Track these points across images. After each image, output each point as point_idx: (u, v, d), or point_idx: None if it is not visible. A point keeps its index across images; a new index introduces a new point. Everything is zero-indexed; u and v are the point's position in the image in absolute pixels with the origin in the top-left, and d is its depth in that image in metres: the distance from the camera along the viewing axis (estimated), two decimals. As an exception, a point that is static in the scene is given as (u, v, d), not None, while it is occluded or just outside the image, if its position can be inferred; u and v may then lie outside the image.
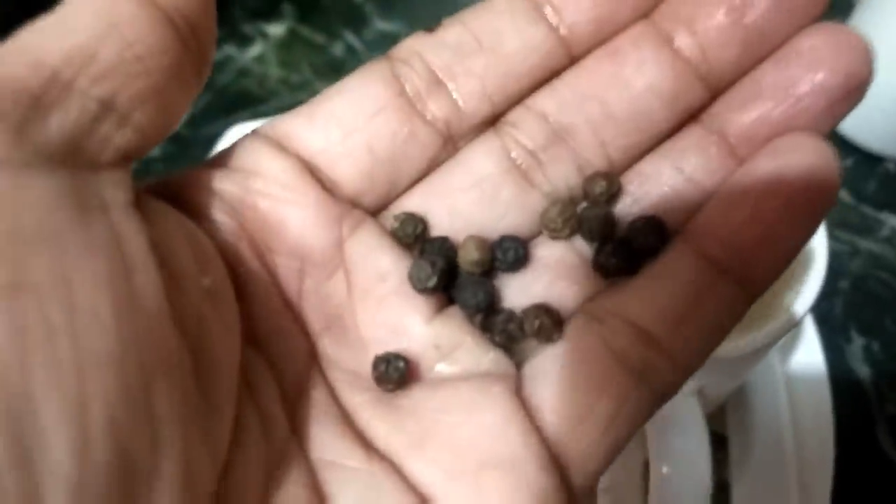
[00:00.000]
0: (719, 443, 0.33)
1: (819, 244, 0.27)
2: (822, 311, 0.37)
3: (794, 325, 0.26)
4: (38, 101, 0.12)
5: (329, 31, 0.50)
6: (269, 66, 0.49)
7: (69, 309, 0.11)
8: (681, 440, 0.26)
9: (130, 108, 0.13)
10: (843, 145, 0.43)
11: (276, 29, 0.50)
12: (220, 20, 0.52)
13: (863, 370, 0.37)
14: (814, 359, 0.34)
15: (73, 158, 0.12)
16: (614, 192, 0.16)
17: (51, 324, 0.10)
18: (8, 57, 0.12)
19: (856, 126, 0.42)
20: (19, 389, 0.10)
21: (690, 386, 0.26)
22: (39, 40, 0.12)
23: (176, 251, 0.13)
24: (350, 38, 0.50)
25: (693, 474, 0.26)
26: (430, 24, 0.18)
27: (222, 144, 0.40)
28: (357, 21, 0.50)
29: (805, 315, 0.26)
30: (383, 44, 0.49)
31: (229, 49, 0.50)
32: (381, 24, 0.50)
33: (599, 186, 0.16)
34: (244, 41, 0.50)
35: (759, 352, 0.25)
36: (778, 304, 0.27)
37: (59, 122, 0.12)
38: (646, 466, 0.27)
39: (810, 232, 0.15)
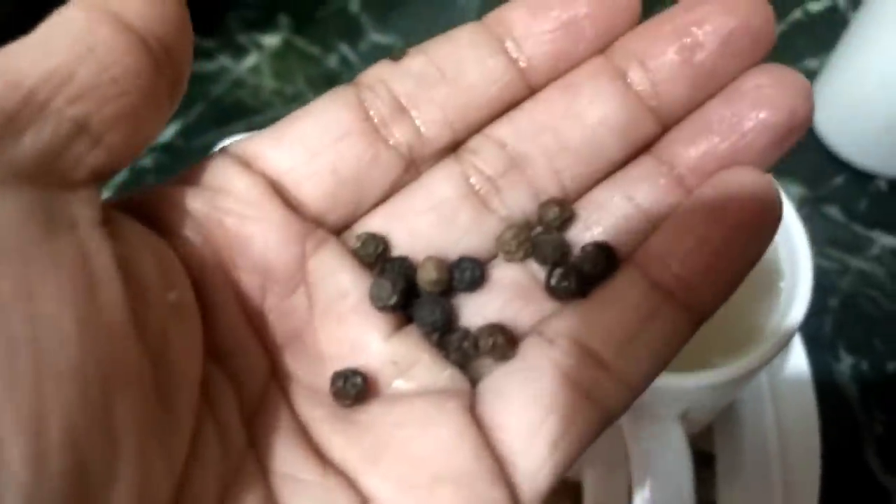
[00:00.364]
0: (706, 461, 0.33)
1: (804, 266, 0.27)
2: (810, 329, 0.37)
3: (780, 351, 0.26)
4: (12, 120, 0.12)
5: (324, 43, 0.50)
6: (263, 77, 0.49)
7: (31, 322, 0.11)
8: (665, 463, 0.26)
9: (104, 129, 0.13)
10: (835, 163, 0.43)
11: (271, 40, 0.50)
12: (214, 31, 0.52)
13: (851, 389, 0.37)
14: (802, 378, 0.34)
15: (44, 177, 0.12)
16: (567, 218, 0.17)
17: (11, 336, 0.11)
18: None
19: (847, 144, 0.42)
20: None
21: (675, 410, 0.26)
22: (17, 61, 0.13)
23: (142, 266, 0.14)
24: (345, 50, 0.50)
25: (676, 497, 0.26)
26: (425, 36, 0.18)
27: (215, 156, 0.40)
28: (352, 33, 0.50)
29: (792, 338, 0.26)
30: (378, 56, 0.49)
31: (224, 60, 0.50)
32: (377, 37, 0.50)
33: (553, 212, 0.17)
34: (239, 52, 0.50)
35: (745, 377, 0.25)
36: (765, 329, 0.27)
37: (33, 142, 0.12)
38: (630, 490, 0.27)
39: (754, 259, 0.16)
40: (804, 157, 0.43)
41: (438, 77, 0.17)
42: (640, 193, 0.17)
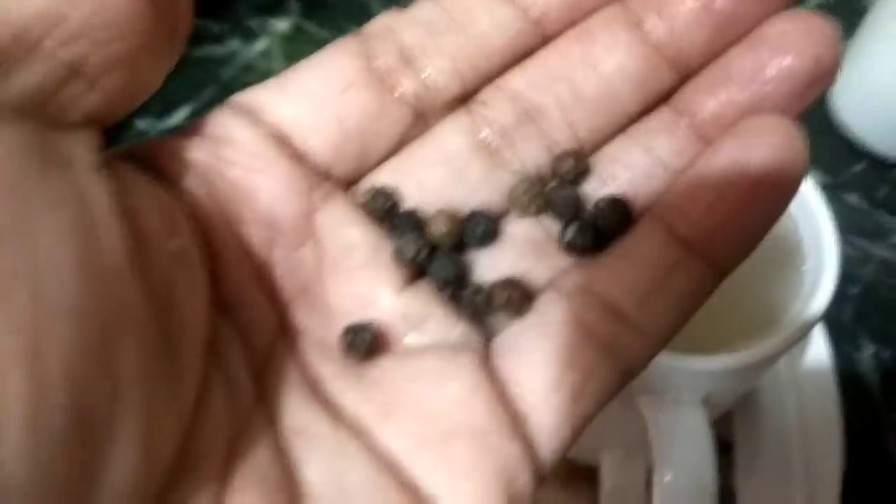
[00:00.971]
0: (725, 449, 0.33)
1: (830, 252, 0.27)
2: (831, 317, 0.36)
3: (803, 336, 0.25)
4: (3, 58, 0.11)
5: (334, 27, 0.49)
6: (274, 61, 0.49)
7: (30, 255, 0.11)
8: (686, 448, 0.25)
9: (99, 73, 0.13)
10: (854, 151, 0.42)
11: (282, 24, 0.50)
12: (225, 15, 0.51)
13: (872, 378, 0.36)
14: (822, 365, 0.34)
15: (38, 116, 0.12)
16: (581, 171, 0.16)
17: (9, 268, 0.10)
18: None
19: (866, 131, 0.41)
20: None
21: (697, 394, 0.26)
22: (6, 1, 0.12)
23: (144, 213, 0.13)
24: (356, 34, 0.49)
25: (698, 482, 0.25)
26: None
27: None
28: (362, 16, 0.49)
29: (816, 323, 0.26)
30: (389, 40, 0.49)
31: (234, 44, 0.49)
32: (388, 21, 0.50)
33: (567, 165, 0.16)
34: (249, 36, 0.50)
35: (768, 361, 0.25)
36: (787, 313, 0.26)
37: (24, 80, 0.12)
38: (649, 473, 0.27)
39: (777, 214, 0.15)
40: (824, 144, 0.42)
41: (448, 25, 0.16)
42: (659, 145, 0.16)
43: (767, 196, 0.15)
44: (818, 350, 0.34)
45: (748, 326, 0.26)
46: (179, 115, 0.46)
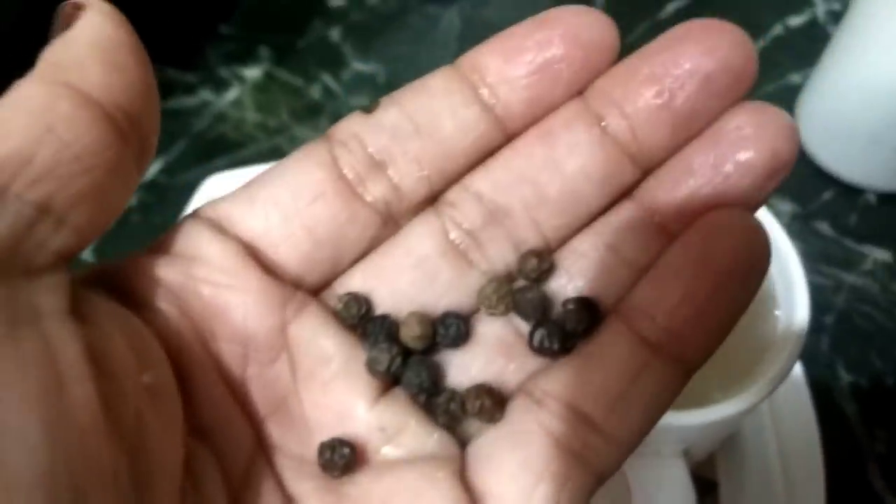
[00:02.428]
0: (709, 489, 0.33)
1: (800, 294, 0.27)
2: (807, 348, 0.36)
3: (780, 383, 0.25)
4: None
5: (306, 74, 0.50)
6: (246, 110, 0.49)
7: None
8: (668, 500, 0.25)
9: (68, 209, 0.13)
10: (823, 178, 0.43)
11: (253, 72, 0.50)
12: (195, 64, 0.51)
13: (851, 408, 0.37)
14: (801, 398, 0.34)
15: (5, 268, 0.12)
16: (545, 269, 0.17)
17: None
18: None
19: (834, 158, 0.42)
20: None
21: (677, 447, 0.26)
22: None
23: (114, 351, 0.13)
24: (328, 79, 0.49)
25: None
26: (406, 64, 0.18)
27: (199, 194, 0.39)
28: (334, 63, 0.50)
29: (792, 368, 0.26)
30: (361, 85, 0.49)
31: (205, 94, 0.49)
32: (359, 66, 0.50)
33: (531, 264, 0.17)
34: (220, 85, 0.50)
35: (747, 412, 0.25)
36: (763, 361, 0.26)
37: None
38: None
39: (742, 309, 0.15)
40: (793, 172, 0.42)
41: (412, 130, 0.17)
42: (622, 241, 0.16)
43: (732, 293, 0.15)
44: (796, 381, 0.34)
45: (725, 377, 0.26)
46: (152, 169, 0.46)
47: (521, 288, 0.17)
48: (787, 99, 0.45)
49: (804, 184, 0.43)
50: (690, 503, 0.26)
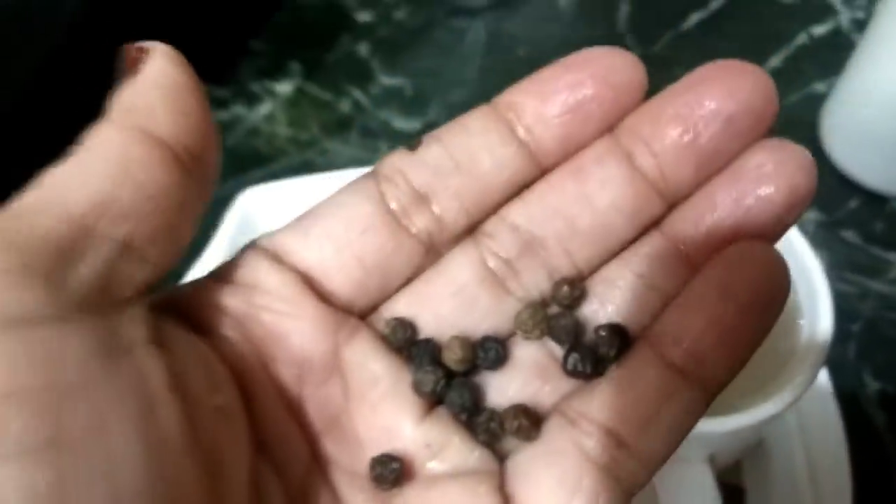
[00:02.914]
0: (736, 495, 0.33)
1: (823, 305, 0.27)
2: (834, 356, 0.37)
3: (805, 391, 0.26)
4: (68, 252, 0.13)
5: (335, 88, 0.51)
6: (277, 124, 0.50)
7: (103, 454, 0.12)
8: (694, 505, 0.26)
9: (146, 245, 0.14)
10: (849, 186, 0.43)
11: (284, 87, 0.51)
12: (227, 79, 0.53)
13: (878, 415, 0.37)
14: (828, 406, 0.34)
15: (99, 303, 0.13)
16: (577, 297, 0.18)
17: (87, 470, 0.11)
18: (36, 208, 0.13)
19: (859, 167, 0.42)
20: None
21: (703, 453, 0.26)
22: (63, 189, 0.13)
23: (191, 377, 0.14)
24: (356, 94, 0.50)
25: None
26: (432, 78, 0.18)
27: (234, 207, 0.40)
28: (362, 77, 0.51)
29: (816, 376, 0.26)
30: (389, 98, 0.50)
31: (238, 108, 0.51)
32: (386, 80, 0.51)
33: (563, 292, 0.18)
34: (252, 100, 0.51)
35: (772, 419, 0.25)
36: (787, 368, 0.27)
37: (87, 269, 0.13)
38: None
39: (763, 336, 0.16)
40: (818, 181, 0.43)
41: (453, 166, 0.18)
42: (649, 270, 0.17)
43: (753, 320, 0.16)
44: (822, 389, 0.35)
45: (749, 385, 0.27)
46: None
47: (556, 314, 0.18)
48: (811, 108, 0.45)
49: (830, 192, 0.43)
50: (716, 507, 0.26)
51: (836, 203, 0.43)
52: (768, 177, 0.16)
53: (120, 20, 0.45)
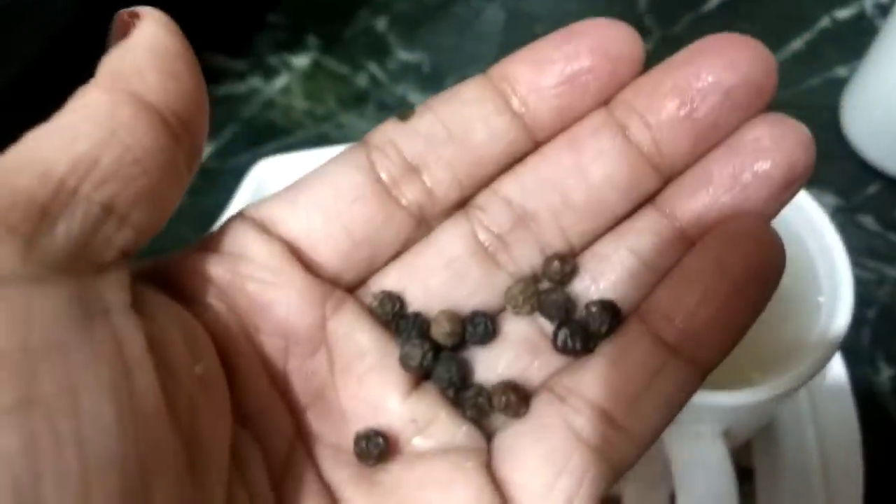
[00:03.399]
0: (745, 476, 0.33)
1: (845, 285, 0.27)
2: (848, 341, 0.36)
3: (821, 368, 0.26)
4: (46, 211, 0.12)
5: (352, 63, 0.51)
6: (294, 97, 0.50)
7: (75, 417, 0.11)
8: (707, 479, 0.26)
9: (129, 209, 0.14)
10: (868, 171, 0.42)
11: (301, 60, 0.51)
12: (245, 52, 0.52)
13: (892, 402, 0.36)
14: (841, 391, 0.34)
15: (77, 264, 0.13)
16: (568, 272, 0.17)
17: (59, 433, 0.11)
18: (16, 166, 0.13)
19: (879, 152, 0.42)
20: (30, 497, 0.11)
21: (717, 427, 0.26)
22: (45, 149, 0.13)
23: (171, 344, 0.14)
24: (373, 68, 0.50)
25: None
26: (450, 54, 0.18)
27: (249, 178, 0.40)
28: (380, 52, 0.51)
29: (833, 354, 0.26)
30: (406, 74, 0.50)
31: (254, 81, 0.51)
32: (404, 55, 0.51)
33: (555, 267, 0.17)
34: (270, 73, 0.51)
35: (786, 395, 0.25)
36: (805, 345, 0.27)
37: (66, 230, 0.13)
38: (672, 501, 0.27)
39: (756, 313, 0.16)
40: (837, 166, 0.43)
41: (446, 136, 0.17)
42: (644, 246, 0.17)
43: (746, 298, 0.16)
44: (836, 374, 0.34)
45: (766, 359, 0.27)
46: (203, 155, 0.47)
47: (546, 289, 0.17)
48: (832, 92, 0.45)
49: (849, 177, 0.43)
50: (730, 483, 0.26)
51: (855, 188, 0.42)
52: (766, 151, 0.16)
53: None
